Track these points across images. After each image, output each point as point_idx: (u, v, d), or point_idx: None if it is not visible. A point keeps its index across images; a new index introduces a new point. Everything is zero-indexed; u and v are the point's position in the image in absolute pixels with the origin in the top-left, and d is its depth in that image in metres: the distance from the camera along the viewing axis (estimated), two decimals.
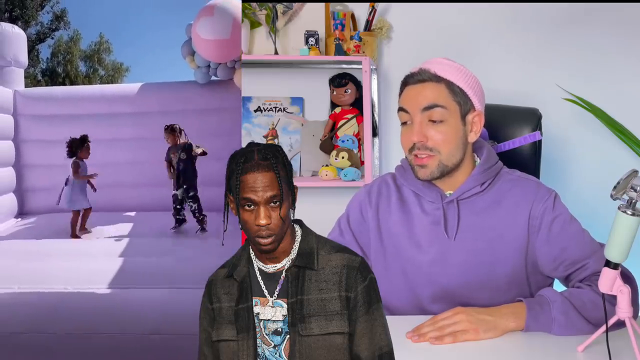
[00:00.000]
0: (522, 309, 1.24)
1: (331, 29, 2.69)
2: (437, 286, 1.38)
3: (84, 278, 2.38)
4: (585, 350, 1.13)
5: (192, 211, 3.51)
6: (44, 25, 20.89)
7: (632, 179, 1.08)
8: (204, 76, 4.15)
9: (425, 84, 1.36)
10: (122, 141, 4.18)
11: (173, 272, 2.47)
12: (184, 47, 4.12)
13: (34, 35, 20.36)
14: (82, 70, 22.26)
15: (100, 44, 22.55)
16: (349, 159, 2.62)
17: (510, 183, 1.41)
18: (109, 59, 22.92)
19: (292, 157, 2.85)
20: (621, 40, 2.56)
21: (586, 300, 1.25)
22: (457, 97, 1.36)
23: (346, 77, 2.71)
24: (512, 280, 1.38)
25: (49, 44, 21.56)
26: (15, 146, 4.38)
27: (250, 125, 2.85)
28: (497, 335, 1.21)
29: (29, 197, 4.50)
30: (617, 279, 1.12)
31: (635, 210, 1.08)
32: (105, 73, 22.61)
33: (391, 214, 1.45)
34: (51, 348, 1.90)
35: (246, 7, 2.73)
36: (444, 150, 1.35)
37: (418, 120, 1.35)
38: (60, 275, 2.43)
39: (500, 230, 1.37)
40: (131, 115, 4.33)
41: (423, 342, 1.20)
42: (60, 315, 2.07)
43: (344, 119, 2.76)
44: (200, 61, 4.01)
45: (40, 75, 21.04)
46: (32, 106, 4.42)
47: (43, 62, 21.65)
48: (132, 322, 1.99)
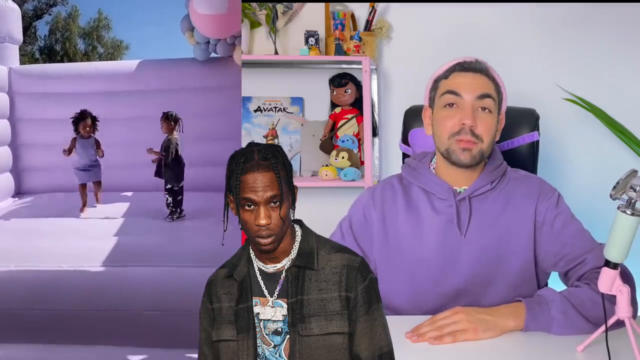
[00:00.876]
0: (521, 308, 1.25)
1: (331, 29, 2.69)
2: (446, 285, 1.39)
3: (79, 256, 2.39)
4: (585, 350, 1.13)
5: (166, 204, 3.51)
6: (41, 1, 20.15)
7: (631, 179, 1.08)
8: (204, 53, 4.05)
9: (481, 75, 1.41)
10: (120, 120, 4.08)
11: (169, 250, 2.47)
12: (183, 23, 4.01)
13: (31, 11, 19.70)
14: (80, 48, 21.63)
15: (99, 20, 21.87)
16: (349, 159, 2.62)
17: (516, 181, 1.45)
18: (108, 36, 22.27)
19: (292, 157, 2.85)
20: (621, 40, 2.56)
21: (585, 299, 1.25)
22: (499, 95, 1.43)
23: (346, 77, 2.71)
24: (522, 277, 1.40)
25: (47, 20, 20.88)
26: (11, 125, 4.28)
27: (250, 125, 2.85)
28: (496, 335, 1.21)
29: (25, 177, 4.42)
30: (617, 279, 1.12)
31: (635, 210, 1.08)
32: (105, 51, 21.97)
33: (398, 214, 1.45)
34: (47, 325, 1.93)
35: (246, 7, 2.73)
36: (487, 139, 1.39)
37: (471, 105, 1.38)
38: (56, 253, 2.43)
39: (509, 227, 1.40)
40: (129, 93, 4.22)
41: (422, 342, 1.20)
42: (56, 293, 2.08)
43: (344, 119, 2.76)
44: (199, 37, 3.92)
45: (38, 53, 20.51)
46: (27, 84, 4.32)
47: (40, 40, 21.04)
48: (128, 299, 2.00)
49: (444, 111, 1.40)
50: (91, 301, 2.02)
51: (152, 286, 2.12)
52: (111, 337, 2.05)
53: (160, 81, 4.19)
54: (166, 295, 2.03)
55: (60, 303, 2.01)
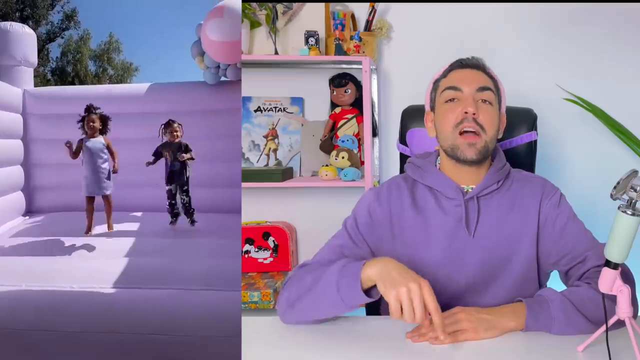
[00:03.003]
0: (521, 308, 1.24)
1: (331, 29, 2.69)
2: (451, 284, 1.39)
3: (90, 277, 2.37)
4: (585, 350, 1.13)
5: (183, 204, 3.51)
6: (54, 25, 20.85)
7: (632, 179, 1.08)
8: (213, 77, 4.11)
9: (479, 71, 1.44)
10: (130, 141, 4.12)
11: (178, 272, 2.46)
12: (194, 47, 4.07)
13: (44, 34, 20.33)
14: (91, 70, 22.30)
15: (110, 43, 22.63)
16: (349, 159, 2.62)
17: (520, 181, 1.46)
18: (119, 59, 22.97)
19: (292, 157, 2.85)
20: (621, 40, 2.56)
21: (586, 299, 1.25)
22: (498, 93, 1.45)
23: (346, 77, 2.72)
24: (524, 277, 1.41)
25: (59, 43, 21.58)
26: (24, 145, 4.34)
27: (250, 125, 2.85)
28: (497, 334, 1.21)
29: (37, 196, 4.45)
30: (617, 279, 1.12)
31: (635, 210, 1.08)
32: (115, 73, 22.64)
33: (405, 213, 1.45)
34: (56, 346, 1.91)
35: (246, 7, 2.73)
36: (490, 130, 1.40)
37: (472, 97, 1.40)
38: (67, 274, 2.43)
39: (515, 226, 1.41)
40: (138, 116, 4.27)
41: (423, 342, 1.20)
42: (66, 314, 2.07)
43: (344, 119, 2.76)
44: (210, 62, 3.98)
45: (49, 75, 21.05)
46: (41, 105, 4.41)
47: (53, 62, 21.69)
48: (137, 321, 1.99)
49: (446, 106, 1.42)
50: (100, 323, 2.01)
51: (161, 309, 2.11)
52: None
53: (169, 104, 4.23)
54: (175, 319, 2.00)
55: (69, 324, 1.99)
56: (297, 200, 2.82)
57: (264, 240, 2.71)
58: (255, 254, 2.72)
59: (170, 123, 3.50)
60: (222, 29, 3.62)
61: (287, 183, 2.61)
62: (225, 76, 4.08)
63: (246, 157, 2.85)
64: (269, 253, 2.72)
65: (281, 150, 2.83)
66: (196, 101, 4.21)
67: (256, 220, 2.79)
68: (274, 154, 2.83)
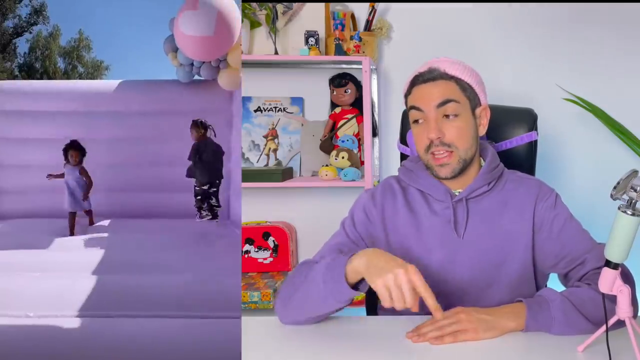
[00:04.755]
0: (521, 308, 1.24)
1: (331, 29, 2.69)
2: (446, 286, 1.39)
3: (50, 302, 1.91)
4: (585, 350, 1.13)
5: (212, 205, 3.53)
6: (22, 19, 19.99)
7: (632, 179, 1.07)
8: (187, 75, 3.87)
9: (437, 82, 1.38)
10: (98, 142, 3.81)
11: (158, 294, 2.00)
12: (167, 43, 3.79)
13: (11, 28, 19.66)
14: (60, 67, 21.56)
15: (80, 40, 21.89)
16: (349, 159, 2.62)
17: (514, 183, 1.45)
18: (89, 57, 22.21)
19: (292, 157, 2.85)
20: (620, 40, 2.56)
21: (586, 299, 1.25)
22: (466, 92, 1.39)
23: (346, 77, 2.71)
24: (521, 279, 1.40)
25: (27, 38, 20.71)
26: None
27: (250, 125, 2.85)
28: (497, 335, 1.21)
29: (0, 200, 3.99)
30: (617, 279, 1.12)
31: (635, 210, 1.08)
32: (85, 70, 21.89)
33: (398, 215, 1.45)
34: None
35: (246, 7, 2.73)
36: (461, 145, 1.37)
37: (433, 117, 1.36)
38: (23, 297, 1.97)
39: (508, 228, 1.40)
40: (107, 114, 3.98)
41: (423, 342, 1.20)
42: (19, 351, 1.62)
43: (344, 119, 2.76)
44: (183, 59, 3.74)
45: (17, 70, 20.36)
46: (1, 101, 3.99)
47: (20, 57, 20.84)
48: None
49: (414, 128, 1.41)
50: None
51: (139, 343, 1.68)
52: None
53: (140, 102, 3.97)
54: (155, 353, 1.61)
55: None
56: (297, 200, 2.82)
57: (264, 240, 2.72)
58: (255, 254, 2.72)
59: (196, 122, 3.53)
60: (197, 23, 3.34)
61: (287, 183, 2.61)
62: (199, 75, 3.87)
63: (246, 157, 2.85)
64: (268, 253, 2.72)
65: (281, 150, 2.83)
66: (168, 100, 3.97)
67: (256, 220, 2.79)
68: (274, 154, 2.83)
